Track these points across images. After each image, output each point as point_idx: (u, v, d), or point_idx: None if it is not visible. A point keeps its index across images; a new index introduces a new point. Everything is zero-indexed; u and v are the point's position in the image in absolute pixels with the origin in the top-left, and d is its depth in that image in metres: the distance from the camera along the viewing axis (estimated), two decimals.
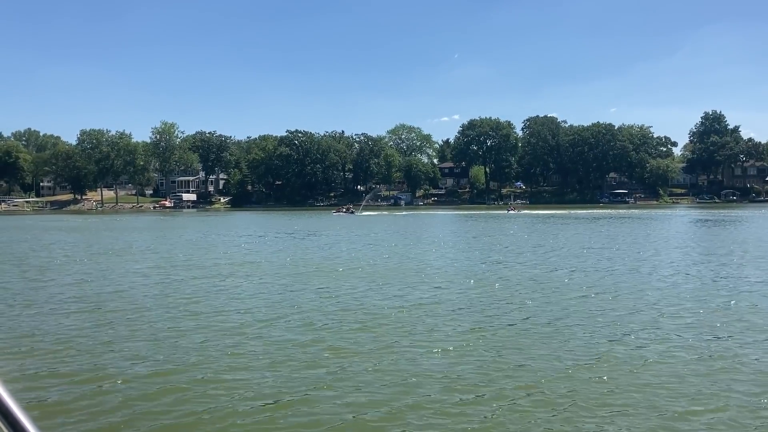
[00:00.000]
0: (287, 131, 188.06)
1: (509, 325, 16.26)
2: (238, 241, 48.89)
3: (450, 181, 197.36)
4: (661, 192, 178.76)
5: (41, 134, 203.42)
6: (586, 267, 29.11)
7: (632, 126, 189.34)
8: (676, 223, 74.20)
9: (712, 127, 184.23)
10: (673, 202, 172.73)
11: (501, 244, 44.44)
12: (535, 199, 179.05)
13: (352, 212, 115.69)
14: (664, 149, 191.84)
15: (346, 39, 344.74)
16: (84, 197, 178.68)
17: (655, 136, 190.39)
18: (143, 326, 16.35)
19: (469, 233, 59.71)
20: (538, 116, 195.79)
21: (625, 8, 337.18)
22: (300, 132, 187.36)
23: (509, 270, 28.32)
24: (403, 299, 20.32)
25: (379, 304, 19.48)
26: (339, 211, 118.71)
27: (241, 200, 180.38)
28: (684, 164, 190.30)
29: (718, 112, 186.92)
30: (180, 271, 28.79)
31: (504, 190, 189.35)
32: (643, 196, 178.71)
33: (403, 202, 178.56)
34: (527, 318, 17.14)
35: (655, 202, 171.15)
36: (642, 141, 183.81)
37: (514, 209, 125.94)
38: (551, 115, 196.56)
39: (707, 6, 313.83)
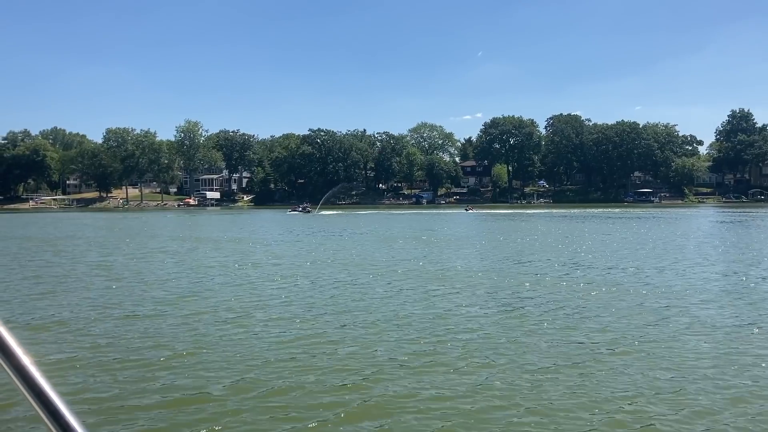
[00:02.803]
0: (310, 130, 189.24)
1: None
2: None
3: (472, 180, 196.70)
4: (686, 191, 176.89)
5: (68, 132, 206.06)
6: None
7: (657, 124, 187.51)
8: (707, 223, 73.30)
9: (739, 126, 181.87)
10: (699, 202, 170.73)
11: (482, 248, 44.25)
12: (558, 198, 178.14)
13: (309, 211, 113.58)
14: (690, 148, 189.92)
15: (368, 37, 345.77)
16: (109, 195, 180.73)
17: (680, 134, 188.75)
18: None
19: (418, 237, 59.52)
20: (561, 114, 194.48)
21: (651, 5, 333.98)
22: (322, 131, 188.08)
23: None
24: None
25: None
26: (294, 210, 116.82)
27: (264, 198, 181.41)
28: (710, 163, 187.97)
29: (745, 110, 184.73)
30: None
31: (527, 189, 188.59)
32: (668, 195, 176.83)
33: (424, 201, 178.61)
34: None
35: (680, 202, 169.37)
36: (667, 139, 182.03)
37: (471, 209, 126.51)
38: (575, 114, 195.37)
39: (735, 2, 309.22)
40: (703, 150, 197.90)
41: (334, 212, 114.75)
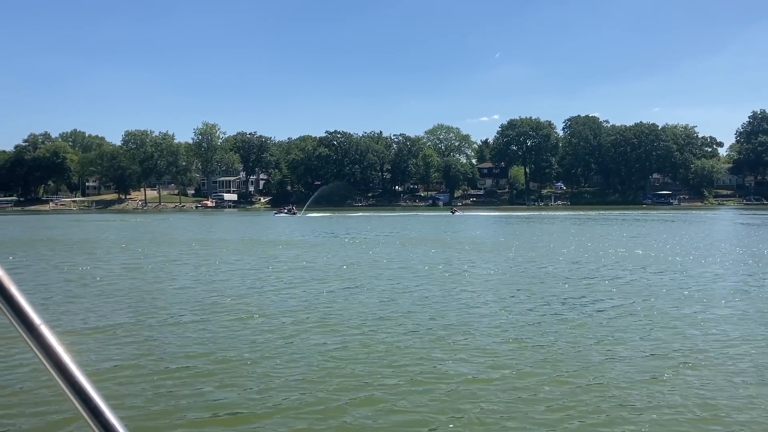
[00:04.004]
0: (326, 132, 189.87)
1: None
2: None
3: (489, 182, 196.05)
4: (706, 193, 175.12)
5: (87, 135, 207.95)
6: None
7: (676, 126, 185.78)
8: (735, 226, 72.49)
9: (760, 127, 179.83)
10: (719, 204, 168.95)
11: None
12: (576, 200, 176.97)
13: (294, 213, 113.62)
14: (710, 149, 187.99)
15: (385, 39, 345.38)
16: (128, 197, 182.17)
17: (700, 136, 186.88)
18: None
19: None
20: (579, 116, 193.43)
21: (670, 5, 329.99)
22: (339, 133, 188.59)
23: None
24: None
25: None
26: (280, 212, 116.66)
27: (280, 200, 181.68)
28: (730, 165, 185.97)
29: (766, 111, 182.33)
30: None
31: (544, 191, 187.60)
32: (687, 197, 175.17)
33: (441, 203, 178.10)
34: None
35: (699, 204, 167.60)
36: (686, 141, 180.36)
37: (458, 211, 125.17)
38: (593, 115, 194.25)
39: (755, 2, 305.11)
40: (723, 152, 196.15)
41: (320, 214, 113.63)
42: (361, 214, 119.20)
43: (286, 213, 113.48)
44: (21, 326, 1.25)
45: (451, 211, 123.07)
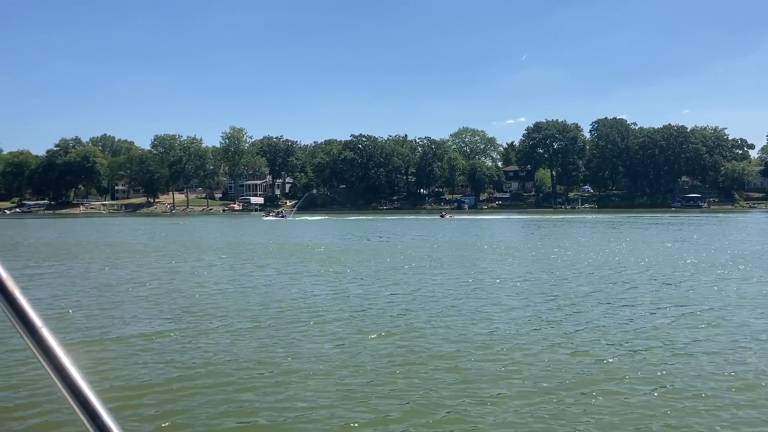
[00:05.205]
0: (351, 135, 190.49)
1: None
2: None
3: (515, 185, 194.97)
4: (736, 196, 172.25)
5: (116, 139, 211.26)
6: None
7: (706, 128, 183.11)
8: None
9: None
10: (750, 207, 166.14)
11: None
12: (604, 203, 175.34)
13: (283, 216, 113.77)
14: (740, 152, 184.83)
15: (410, 42, 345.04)
16: (156, 200, 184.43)
17: (730, 138, 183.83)
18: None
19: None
20: (606, 118, 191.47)
21: (699, 5, 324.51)
22: (364, 136, 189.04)
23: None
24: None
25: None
26: (269, 215, 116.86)
27: (306, 203, 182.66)
28: (761, 167, 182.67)
29: None
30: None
31: (571, 194, 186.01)
32: (717, 200, 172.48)
33: (466, 206, 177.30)
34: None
35: (730, 207, 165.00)
36: (716, 143, 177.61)
37: (449, 215, 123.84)
38: (620, 117, 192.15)
39: None
40: (754, 154, 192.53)
41: (312, 218, 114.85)
42: (355, 217, 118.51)
43: (274, 216, 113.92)
44: (23, 329, 1.27)
45: (441, 215, 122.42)
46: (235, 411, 10.77)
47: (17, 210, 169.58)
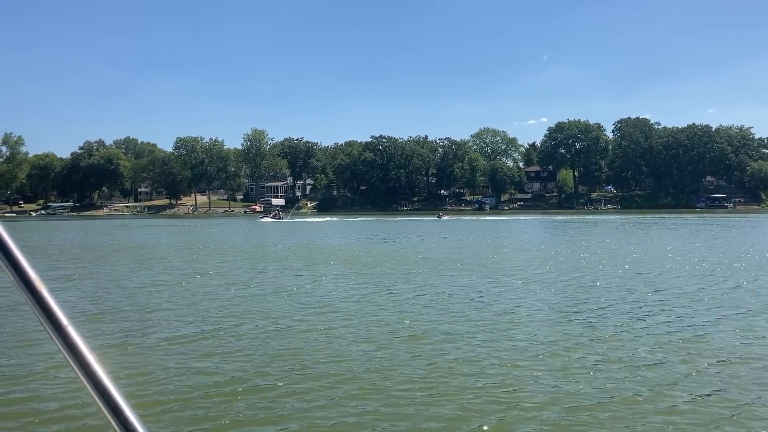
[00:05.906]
0: (372, 137, 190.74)
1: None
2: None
3: (537, 185, 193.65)
4: (763, 196, 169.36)
5: (139, 142, 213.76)
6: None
7: (731, 127, 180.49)
8: None
9: None
10: None
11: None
12: (627, 204, 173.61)
13: (280, 218, 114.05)
14: (767, 151, 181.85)
15: (430, 42, 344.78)
16: (179, 202, 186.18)
17: (756, 137, 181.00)
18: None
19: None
20: (629, 118, 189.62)
21: (723, 2, 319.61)
22: (384, 137, 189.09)
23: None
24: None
25: None
26: (266, 216, 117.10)
27: (326, 205, 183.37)
28: None
29: None
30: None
31: (594, 194, 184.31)
32: (743, 200, 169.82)
33: (487, 207, 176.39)
34: None
35: (756, 207, 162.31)
36: (742, 143, 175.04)
37: (445, 216, 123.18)
38: (643, 117, 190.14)
39: None
40: None
41: (310, 220, 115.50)
42: (356, 219, 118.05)
43: (271, 218, 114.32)
44: (50, 326, 1.31)
45: (438, 216, 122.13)
46: (266, 417, 10.63)
47: (42, 212, 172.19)
